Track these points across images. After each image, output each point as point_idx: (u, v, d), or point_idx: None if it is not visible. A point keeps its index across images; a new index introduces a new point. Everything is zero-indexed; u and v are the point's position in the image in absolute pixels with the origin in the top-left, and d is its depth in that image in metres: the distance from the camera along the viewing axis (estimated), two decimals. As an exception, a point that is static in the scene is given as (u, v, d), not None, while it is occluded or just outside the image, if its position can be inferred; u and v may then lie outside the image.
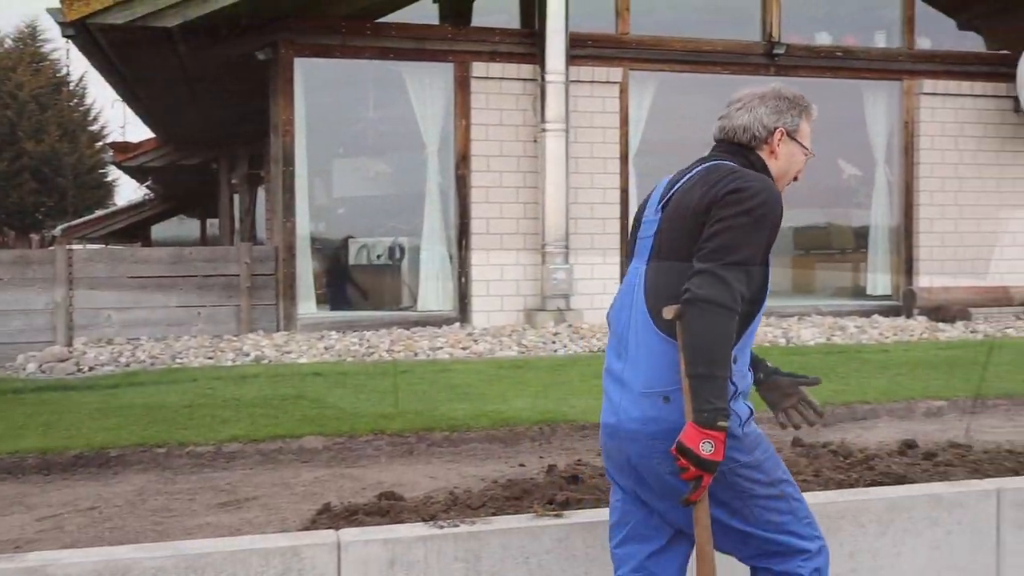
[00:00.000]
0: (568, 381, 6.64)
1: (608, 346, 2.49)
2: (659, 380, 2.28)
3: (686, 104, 12.82)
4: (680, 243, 2.29)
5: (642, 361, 2.31)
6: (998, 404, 6.12)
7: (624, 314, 2.39)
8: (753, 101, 2.50)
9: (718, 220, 2.22)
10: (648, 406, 2.29)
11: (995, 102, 11.12)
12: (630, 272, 2.44)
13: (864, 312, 10.68)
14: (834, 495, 3.30)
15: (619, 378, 2.38)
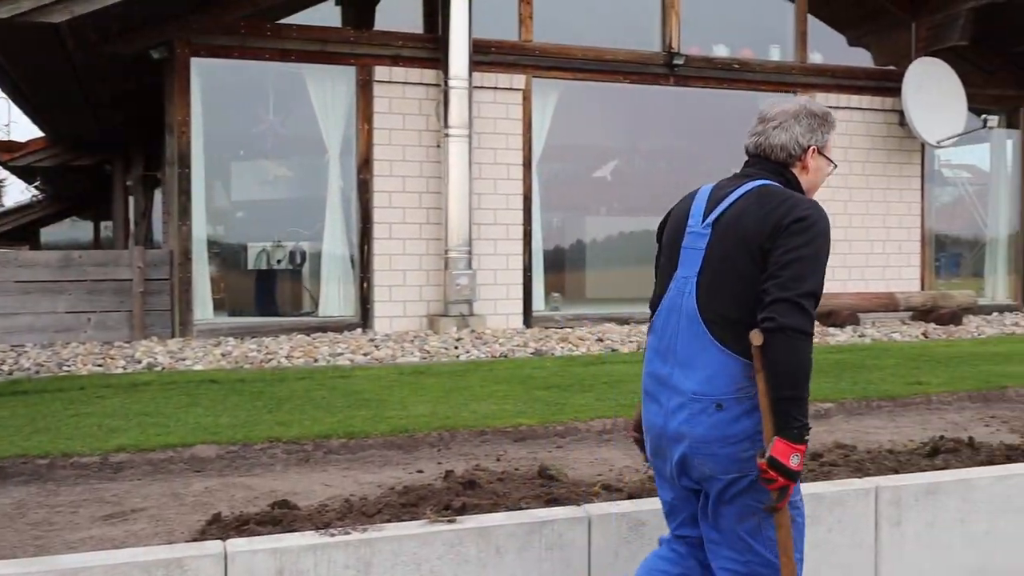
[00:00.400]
0: (469, 387, 6.64)
1: (650, 349, 2.62)
2: (713, 388, 2.43)
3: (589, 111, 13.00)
4: (734, 263, 2.45)
5: (694, 368, 2.46)
6: (882, 406, 6.36)
7: (672, 320, 2.53)
8: (788, 120, 2.64)
9: (787, 250, 2.37)
10: (699, 410, 2.44)
11: (882, 115, 11.58)
12: (678, 280, 2.55)
13: (759, 317, 10.97)
14: (722, 496, 3.37)
15: (666, 381, 2.52)
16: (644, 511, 3.21)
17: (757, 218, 2.44)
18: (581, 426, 5.62)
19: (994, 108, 12.24)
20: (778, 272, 2.36)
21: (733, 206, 2.52)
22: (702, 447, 2.44)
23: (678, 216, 2.68)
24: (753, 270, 2.42)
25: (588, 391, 6.50)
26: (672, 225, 2.70)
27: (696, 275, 2.50)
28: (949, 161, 13.49)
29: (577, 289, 13.71)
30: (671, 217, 2.72)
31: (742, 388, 2.41)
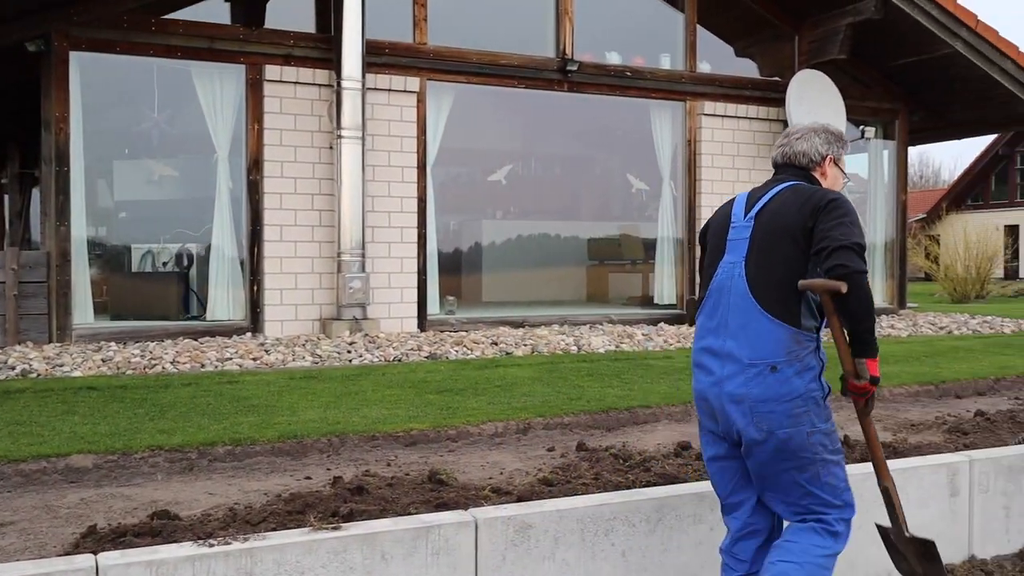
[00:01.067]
0: (361, 391, 6.56)
1: (701, 328, 3.07)
2: (766, 353, 2.85)
3: (484, 115, 13.05)
4: (779, 246, 2.89)
5: (748, 338, 2.87)
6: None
7: (724, 299, 2.95)
8: (808, 133, 3.17)
9: (830, 220, 2.81)
10: (754, 374, 2.85)
11: (768, 124, 11.95)
12: (725, 265, 2.99)
13: (651, 320, 11.20)
14: (607, 497, 3.42)
15: (719, 352, 2.95)
16: (531, 514, 3.23)
17: (795, 207, 2.90)
18: (473, 430, 5.63)
19: (872, 120, 12.77)
20: (829, 232, 2.79)
21: (771, 201, 2.98)
22: (760, 406, 2.83)
23: (721, 218, 3.14)
24: (795, 251, 2.87)
25: (481, 395, 6.51)
26: (716, 225, 3.15)
27: (743, 259, 2.94)
28: (830, 170, 14.02)
29: (473, 292, 13.74)
30: (713, 221, 3.19)
31: (791, 352, 2.84)
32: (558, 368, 7.71)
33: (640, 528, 3.36)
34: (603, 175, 16.40)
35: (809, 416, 2.82)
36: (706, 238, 3.22)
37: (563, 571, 3.24)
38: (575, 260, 14.61)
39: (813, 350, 2.86)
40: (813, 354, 2.86)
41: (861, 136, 11.96)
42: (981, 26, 11.55)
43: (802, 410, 2.81)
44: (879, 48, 12.13)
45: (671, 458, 4.87)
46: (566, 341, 9.26)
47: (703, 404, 3.07)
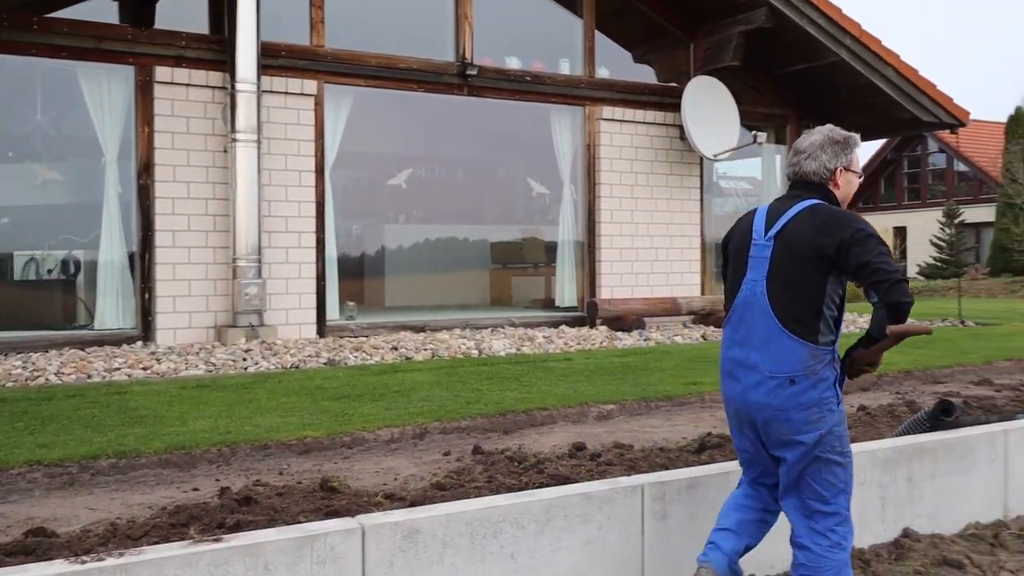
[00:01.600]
0: (255, 399, 6.44)
1: (728, 339, 3.27)
2: (786, 367, 3.09)
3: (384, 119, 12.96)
4: (799, 268, 3.10)
5: (769, 352, 3.11)
6: (660, 406, 6.67)
7: (748, 314, 3.18)
8: (815, 151, 3.29)
9: (862, 253, 3.01)
10: (775, 385, 3.10)
11: (664, 129, 12.18)
12: (748, 282, 3.20)
13: (553, 323, 11.29)
14: (496, 499, 3.42)
15: (744, 363, 3.19)
16: (420, 519, 3.21)
17: (813, 231, 3.10)
18: (369, 436, 5.57)
19: (764, 125, 13.15)
20: (867, 268, 3.01)
21: (791, 222, 3.16)
22: (779, 414, 3.11)
23: (743, 231, 3.33)
24: (814, 274, 3.08)
25: (379, 400, 6.45)
26: (738, 238, 3.35)
27: (764, 278, 3.15)
28: (726, 174, 14.38)
29: (375, 297, 13.63)
30: (735, 233, 3.38)
31: (808, 367, 3.08)
32: (458, 372, 7.71)
33: (529, 529, 3.37)
34: (505, 179, 16.46)
35: (824, 421, 3.11)
36: (727, 249, 3.43)
37: (452, 575, 3.24)
38: (478, 264, 14.63)
39: (829, 362, 3.12)
40: (828, 366, 3.12)
41: (754, 141, 12.28)
42: (864, 35, 12.00)
43: (818, 416, 3.10)
44: (770, 55, 12.50)
45: (565, 459, 4.91)
46: (467, 345, 9.26)
47: (731, 407, 3.33)
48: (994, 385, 7.70)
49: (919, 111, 12.76)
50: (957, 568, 3.89)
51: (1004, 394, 7.14)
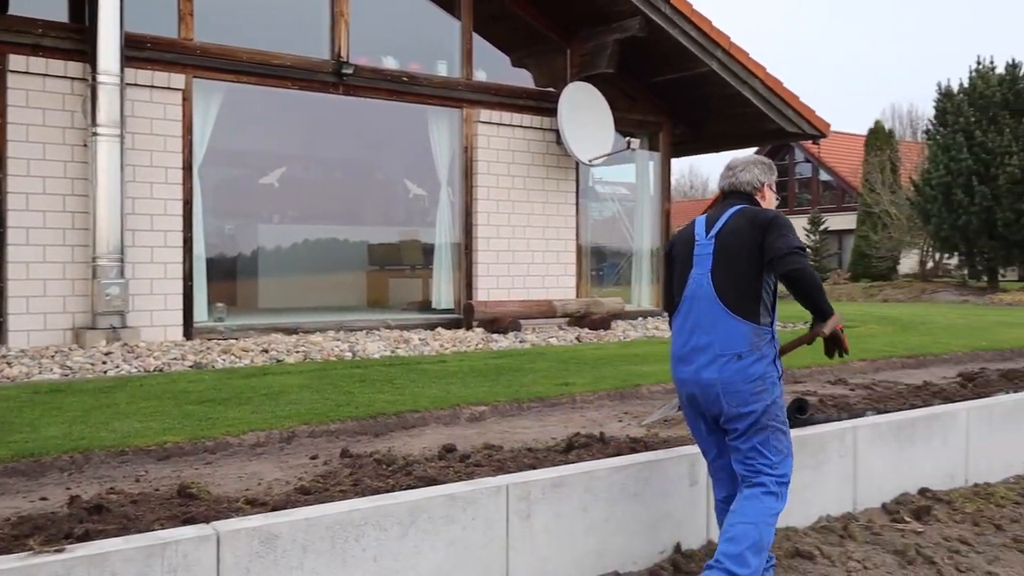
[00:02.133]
0: (114, 404, 6.18)
1: (678, 329, 3.67)
2: (733, 345, 3.49)
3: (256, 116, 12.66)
4: (737, 259, 3.53)
5: (718, 334, 3.51)
6: (532, 407, 6.72)
7: (696, 305, 3.58)
8: (748, 165, 3.80)
9: (775, 234, 3.49)
10: (724, 361, 3.49)
11: (541, 133, 12.31)
12: (695, 277, 3.61)
13: (429, 325, 11.24)
14: (358, 502, 3.37)
15: (696, 347, 3.56)
16: (278, 523, 3.12)
17: (748, 226, 3.55)
18: (233, 440, 5.42)
19: (638, 131, 13.43)
20: (776, 243, 3.45)
21: (728, 223, 3.60)
22: (729, 386, 3.48)
23: (685, 237, 3.74)
24: (751, 263, 3.51)
25: (245, 404, 6.29)
26: (682, 244, 3.74)
27: (709, 271, 3.56)
28: (601, 179, 14.64)
29: (248, 299, 13.30)
30: (678, 241, 3.78)
31: (753, 343, 3.49)
32: (329, 375, 7.58)
33: (392, 532, 3.33)
34: (383, 180, 16.32)
35: (769, 392, 3.51)
36: (672, 254, 3.81)
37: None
38: (355, 265, 14.45)
39: (769, 340, 3.54)
40: (769, 344, 3.54)
41: (627, 147, 12.55)
42: (734, 47, 12.42)
43: (762, 388, 3.49)
44: (645, 64, 12.79)
45: (434, 461, 4.88)
46: (340, 347, 9.13)
47: (684, 390, 3.66)
48: (848, 384, 8.06)
49: (784, 122, 13.27)
50: (808, 559, 4.04)
51: (857, 393, 7.48)
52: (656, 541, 4.03)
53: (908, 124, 47.97)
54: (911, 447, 5.06)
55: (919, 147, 32.84)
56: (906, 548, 4.18)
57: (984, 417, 5.48)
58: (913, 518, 4.65)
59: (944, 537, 4.42)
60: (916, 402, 6.61)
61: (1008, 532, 4.58)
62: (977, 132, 22.48)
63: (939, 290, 25.06)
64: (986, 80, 23.05)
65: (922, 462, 5.11)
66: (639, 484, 3.98)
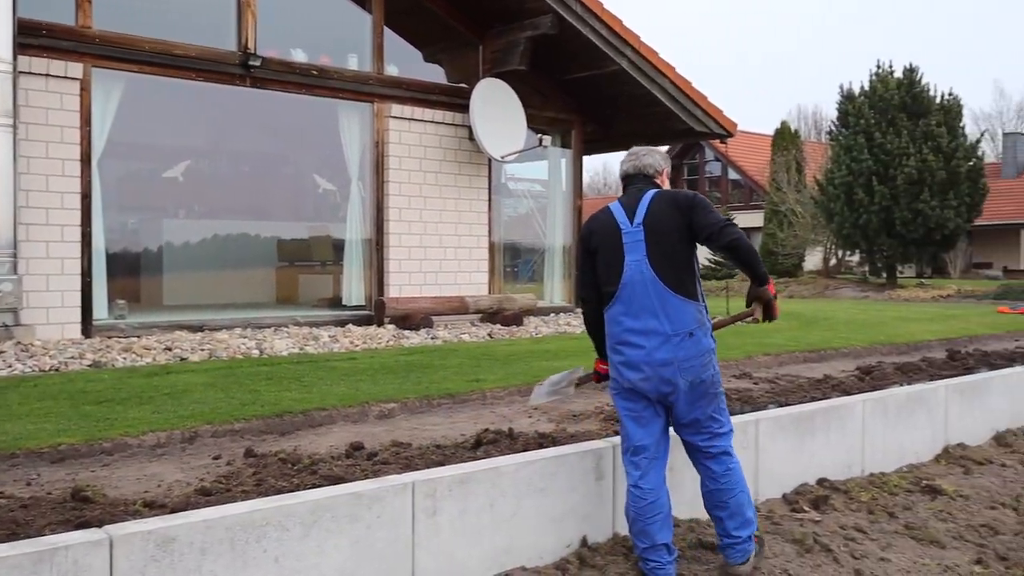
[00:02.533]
0: (5, 405, 5.94)
1: (621, 315, 3.80)
2: (683, 325, 3.72)
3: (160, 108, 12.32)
4: (669, 242, 3.74)
5: (667, 316, 3.71)
6: (442, 403, 6.69)
7: (638, 290, 3.75)
8: (647, 151, 4.07)
9: (702, 212, 3.75)
10: (678, 341, 3.71)
11: (454, 129, 12.26)
12: (631, 264, 3.76)
13: (340, 322, 11.11)
14: (259, 503, 3.30)
15: (642, 331, 3.74)
16: (175, 526, 3.04)
17: (672, 208, 3.77)
18: (132, 441, 5.26)
19: (550, 129, 13.51)
20: (709, 220, 3.74)
21: (650, 208, 3.79)
22: (685, 363, 3.72)
23: (604, 225, 3.88)
24: (683, 243, 3.76)
25: (146, 404, 6.11)
26: (602, 232, 3.88)
27: (645, 257, 3.73)
28: (514, 175, 14.68)
29: (153, 296, 12.94)
30: (596, 229, 3.91)
31: (698, 320, 3.75)
32: (235, 373, 7.42)
33: (294, 532, 3.27)
34: (294, 175, 16.06)
35: (713, 362, 3.81)
36: (591, 243, 3.92)
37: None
38: (264, 261, 14.19)
39: (706, 314, 3.83)
40: (707, 318, 3.83)
41: (539, 144, 12.60)
42: (644, 47, 12.58)
43: (708, 359, 3.78)
44: (557, 62, 12.86)
45: (341, 459, 4.82)
46: (247, 345, 8.95)
47: (632, 374, 3.79)
48: (752, 378, 8.25)
49: (692, 121, 13.51)
50: (711, 550, 4.12)
51: (761, 387, 7.66)
52: (563, 536, 4.06)
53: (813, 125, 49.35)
54: (811, 439, 5.21)
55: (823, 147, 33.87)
56: (804, 537, 4.30)
57: (879, 409, 5.67)
58: (812, 507, 4.78)
59: (840, 525, 4.56)
60: (816, 395, 6.80)
61: (900, 519, 4.75)
62: (877, 134, 23.27)
63: (841, 286, 25.89)
64: (885, 83, 23.88)
65: (821, 453, 5.26)
66: (545, 479, 4.00)
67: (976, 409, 6.45)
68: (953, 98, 23.81)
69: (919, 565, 4.20)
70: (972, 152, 23.63)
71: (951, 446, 6.11)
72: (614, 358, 3.87)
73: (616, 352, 3.85)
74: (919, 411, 5.96)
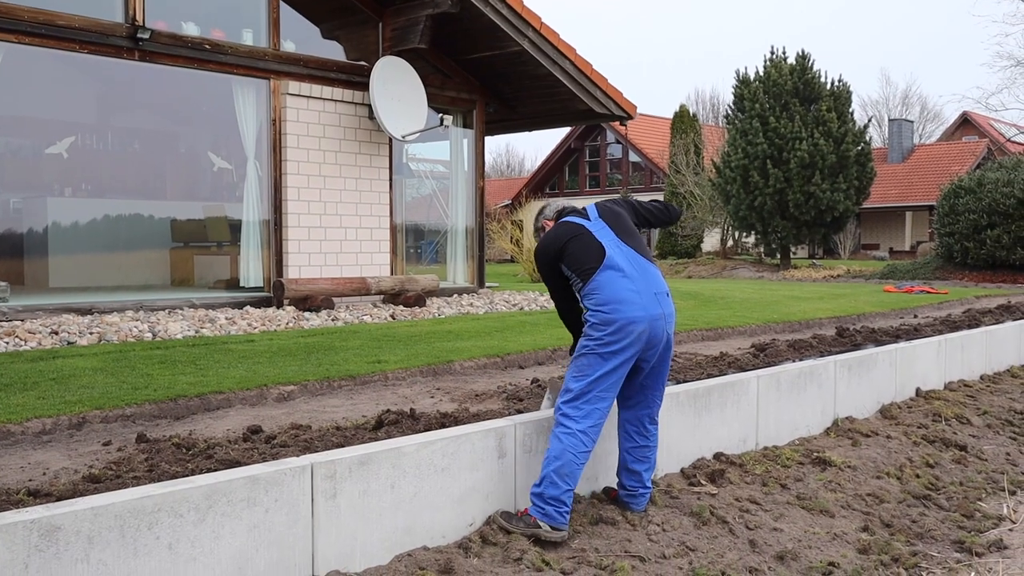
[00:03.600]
0: None
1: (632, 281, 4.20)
2: (664, 286, 4.34)
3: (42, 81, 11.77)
4: (626, 223, 4.41)
5: (659, 280, 4.32)
6: (343, 385, 6.60)
7: (635, 263, 4.26)
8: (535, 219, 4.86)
9: (640, 205, 4.65)
10: (665, 297, 4.29)
11: (353, 108, 12.07)
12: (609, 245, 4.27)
13: (237, 304, 10.84)
14: (150, 489, 3.19)
15: (660, 292, 4.27)
16: (60, 515, 2.91)
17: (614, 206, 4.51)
18: (15, 428, 5.03)
19: (452, 108, 13.43)
20: (650, 206, 4.71)
21: (598, 210, 4.47)
22: (671, 316, 4.31)
23: (572, 229, 4.37)
24: (635, 225, 4.51)
25: (30, 390, 5.85)
26: (573, 234, 4.33)
27: (616, 239, 4.30)
28: (416, 155, 14.54)
29: (37, 278, 12.40)
30: (564, 233, 4.36)
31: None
32: (127, 357, 7.18)
33: (188, 518, 3.17)
34: (187, 153, 15.56)
35: None
36: (567, 244, 4.31)
37: (100, 572, 2.97)
38: (157, 242, 13.72)
39: None
40: None
41: (441, 124, 12.50)
42: (545, 28, 12.59)
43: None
44: (458, 41, 12.76)
45: (238, 443, 4.71)
46: (140, 328, 8.66)
47: (636, 328, 4.12)
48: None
49: (593, 103, 13.61)
50: (611, 525, 4.17)
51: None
52: (465, 514, 4.05)
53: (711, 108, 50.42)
54: (708, 414, 5.32)
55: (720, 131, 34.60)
56: (701, 510, 4.39)
57: (773, 385, 5.83)
58: (708, 481, 4.89)
59: (736, 498, 4.67)
60: (713, 372, 6.96)
61: (792, 491, 4.90)
62: (771, 118, 23.89)
63: (738, 267, 26.56)
64: (779, 69, 24.50)
65: (717, 428, 5.38)
66: (447, 459, 3.98)
67: (863, 384, 6.70)
68: (843, 84, 24.58)
69: (810, 534, 4.34)
70: (860, 137, 24.47)
71: (840, 419, 6.32)
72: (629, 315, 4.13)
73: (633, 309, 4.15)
74: (810, 386, 6.15)
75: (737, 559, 3.97)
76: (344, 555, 3.60)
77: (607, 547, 3.97)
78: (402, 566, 3.64)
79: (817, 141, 23.30)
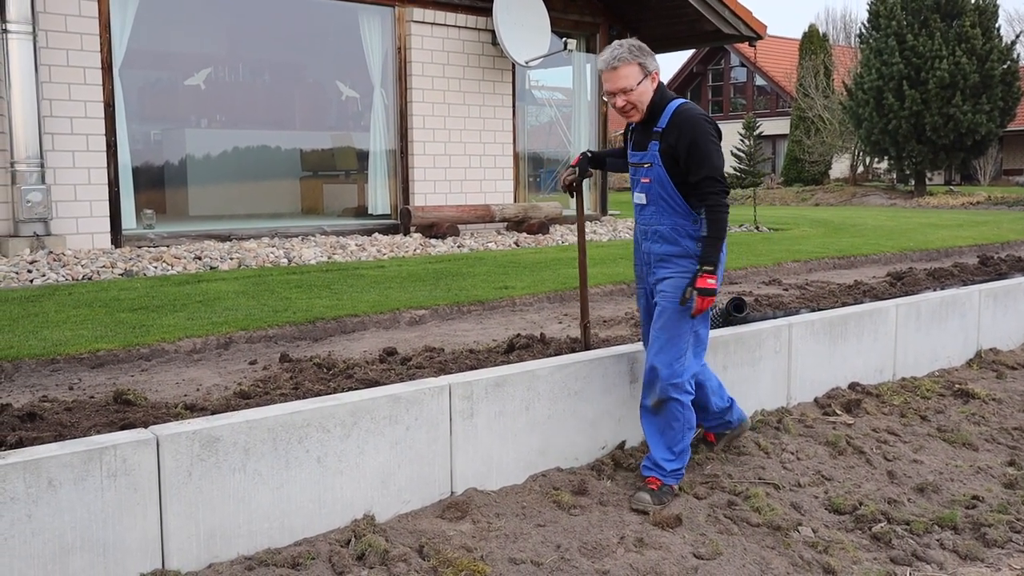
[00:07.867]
0: (42, 313, 6.00)
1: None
2: None
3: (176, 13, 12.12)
4: None
5: None
6: (472, 310, 6.71)
7: None
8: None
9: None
10: None
11: (476, 34, 12.02)
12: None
13: (366, 231, 11.10)
14: (300, 405, 3.34)
15: None
16: (219, 427, 3.08)
17: None
18: (169, 347, 5.32)
19: (575, 32, 13.21)
20: None
21: None
22: None
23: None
24: None
25: (180, 311, 6.17)
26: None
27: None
28: (538, 82, 14.42)
29: (178, 206, 12.95)
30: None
31: None
32: (265, 281, 7.47)
33: (335, 433, 3.32)
34: (316, 83, 15.83)
35: None
36: None
37: (255, 482, 3.15)
38: (288, 171, 14.11)
39: None
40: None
41: (564, 48, 12.33)
42: (672, -55, 12.18)
43: None
44: (581, -38, 12.49)
45: (375, 364, 4.87)
46: (276, 254, 8.98)
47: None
48: (782, 285, 8.21)
49: (721, 23, 13.16)
50: (744, 453, 4.15)
51: (791, 292, 7.63)
52: (597, 438, 4.10)
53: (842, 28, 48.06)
54: (843, 343, 5.19)
55: (852, 51, 33.01)
56: (837, 439, 4.32)
57: (912, 314, 5.64)
58: (844, 411, 4.80)
59: (873, 428, 4.57)
60: (848, 300, 6.76)
61: (932, 423, 4.76)
62: (909, 36, 22.62)
63: (869, 194, 25.56)
64: (919, -17, 23.11)
65: (853, 358, 5.25)
66: (580, 382, 4.02)
67: (1009, 314, 6.40)
68: (989, -2, 23.05)
69: (951, 467, 4.22)
70: (1007, 55, 22.95)
71: (983, 351, 6.08)
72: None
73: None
74: (952, 316, 5.92)
75: (875, 489, 3.90)
76: (481, 473, 3.70)
77: (740, 473, 3.96)
78: (536, 486, 3.72)
79: (959, 59, 21.96)
